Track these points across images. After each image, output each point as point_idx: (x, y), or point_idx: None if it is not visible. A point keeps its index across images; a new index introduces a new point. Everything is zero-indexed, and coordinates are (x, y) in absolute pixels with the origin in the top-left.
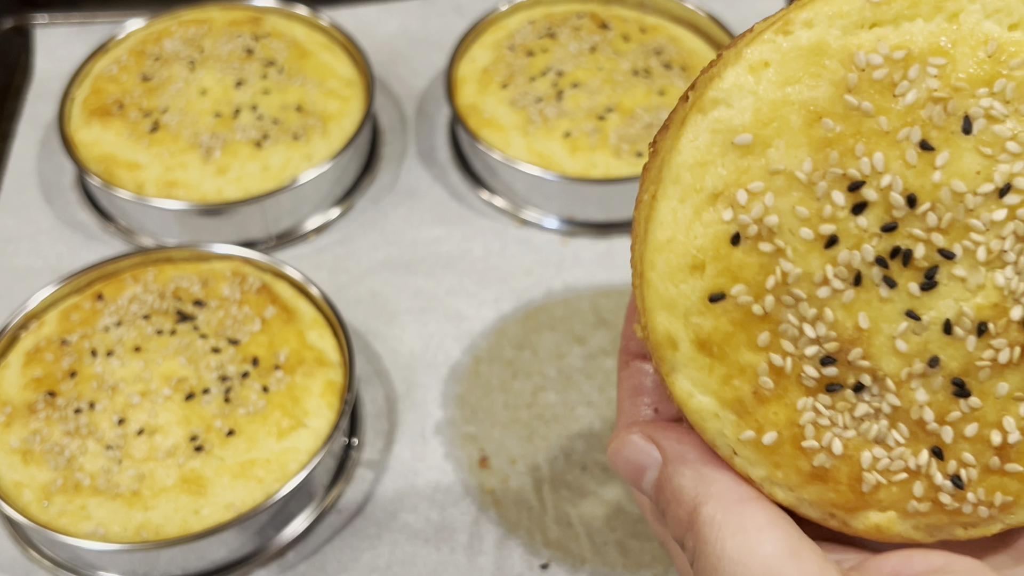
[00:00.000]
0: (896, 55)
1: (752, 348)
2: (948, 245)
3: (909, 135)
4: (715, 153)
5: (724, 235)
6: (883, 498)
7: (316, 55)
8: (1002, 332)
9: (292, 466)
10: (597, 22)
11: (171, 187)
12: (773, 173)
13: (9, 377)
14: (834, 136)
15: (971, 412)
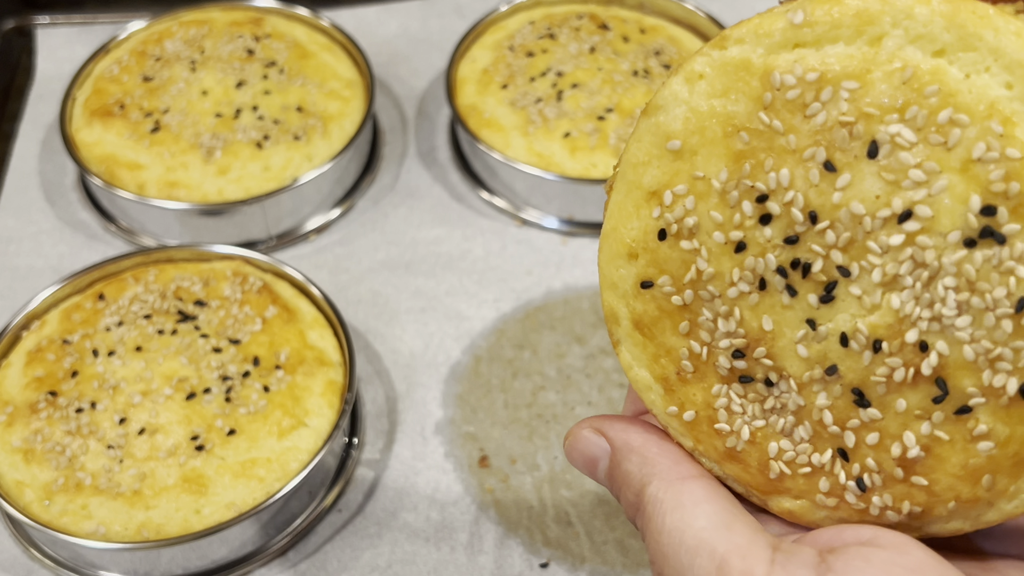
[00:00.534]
0: (809, 77)
1: (675, 334)
2: (845, 263)
3: (814, 155)
4: (653, 155)
5: (653, 230)
6: (791, 487)
7: (317, 56)
8: (897, 352)
9: (293, 465)
10: (597, 23)
11: (172, 187)
12: (695, 179)
13: (11, 377)
14: (748, 150)
15: (871, 422)
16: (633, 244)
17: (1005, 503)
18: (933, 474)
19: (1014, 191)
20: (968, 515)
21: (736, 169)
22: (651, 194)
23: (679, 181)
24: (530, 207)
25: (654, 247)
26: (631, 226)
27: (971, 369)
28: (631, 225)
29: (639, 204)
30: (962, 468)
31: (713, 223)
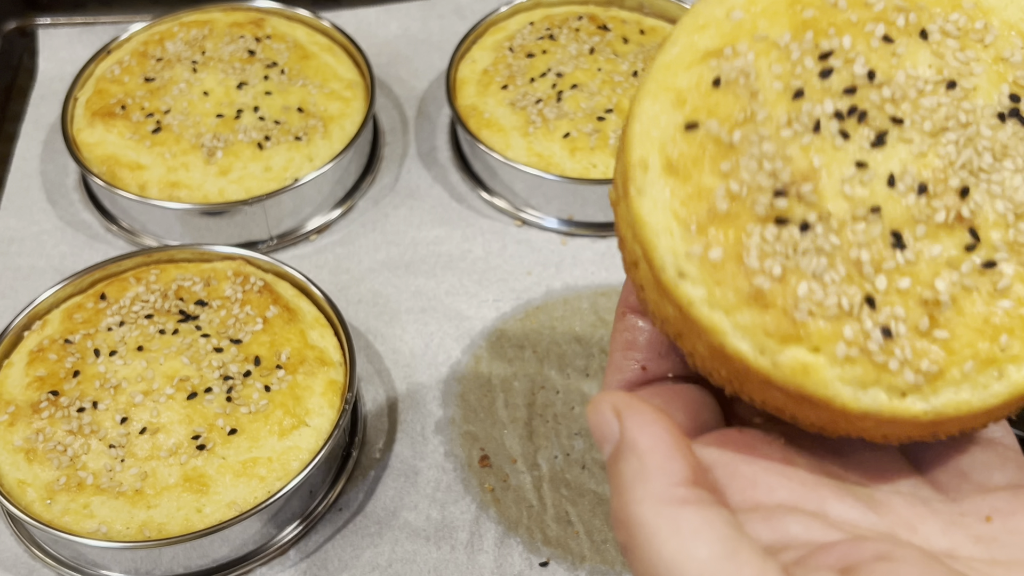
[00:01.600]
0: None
1: (715, 173)
2: (899, 114)
3: (875, 29)
4: (713, 20)
5: (708, 78)
6: (814, 332)
7: (317, 57)
8: (940, 195)
9: (294, 464)
10: (596, 24)
11: (174, 188)
12: (757, 39)
13: (13, 376)
14: (811, 20)
15: (906, 265)
16: (683, 90)
17: (1015, 370)
18: (955, 327)
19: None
20: (979, 382)
21: (799, 34)
22: (707, 54)
23: (739, 40)
24: (530, 207)
25: (706, 92)
26: (682, 79)
27: (1001, 224)
28: (682, 78)
29: (693, 63)
30: (984, 322)
31: (772, 74)
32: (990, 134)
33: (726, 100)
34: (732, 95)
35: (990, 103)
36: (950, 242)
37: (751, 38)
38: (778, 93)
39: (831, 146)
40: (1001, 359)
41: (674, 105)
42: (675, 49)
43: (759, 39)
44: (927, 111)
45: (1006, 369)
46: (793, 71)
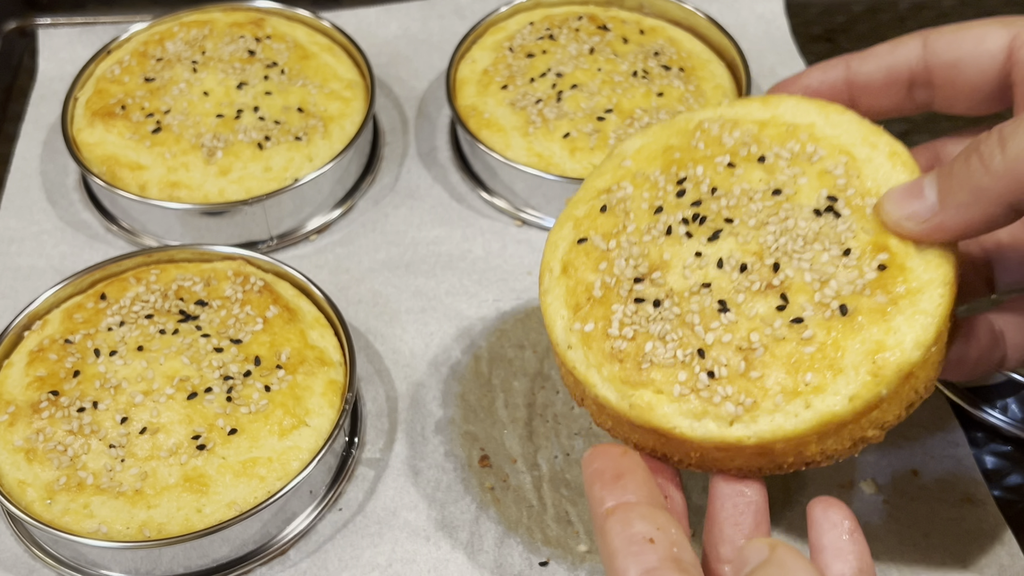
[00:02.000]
0: (726, 124)
1: (594, 270)
2: (731, 216)
3: (722, 160)
4: (609, 168)
5: (597, 207)
6: (655, 379)
7: (317, 57)
8: (756, 271)
9: (294, 464)
10: (596, 24)
11: (174, 188)
12: (636, 177)
13: (13, 376)
14: (677, 159)
15: (729, 324)
16: (580, 217)
17: (819, 400)
18: (767, 369)
19: (849, 193)
20: (789, 411)
21: (667, 170)
22: (600, 190)
23: (625, 179)
24: (530, 207)
25: (595, 216)
26: (580, 208)
27: (808, 290)
28: (580, 208)
29: (589, 198)
30: (791, 363)
31: (643, 199)
32: (805, 225)
33: (608, 220)
34: (612, 216)
35: (809, 203)
36: (765, 305)
37: (632, 177)
38: (644, 211)
39: (678, 243)
40: (805, 392)
41: (573, 228)
42: (580, 191)
43: (638, 176)
44: (754, 212)
45: (811, 400)
46: (657, 194)
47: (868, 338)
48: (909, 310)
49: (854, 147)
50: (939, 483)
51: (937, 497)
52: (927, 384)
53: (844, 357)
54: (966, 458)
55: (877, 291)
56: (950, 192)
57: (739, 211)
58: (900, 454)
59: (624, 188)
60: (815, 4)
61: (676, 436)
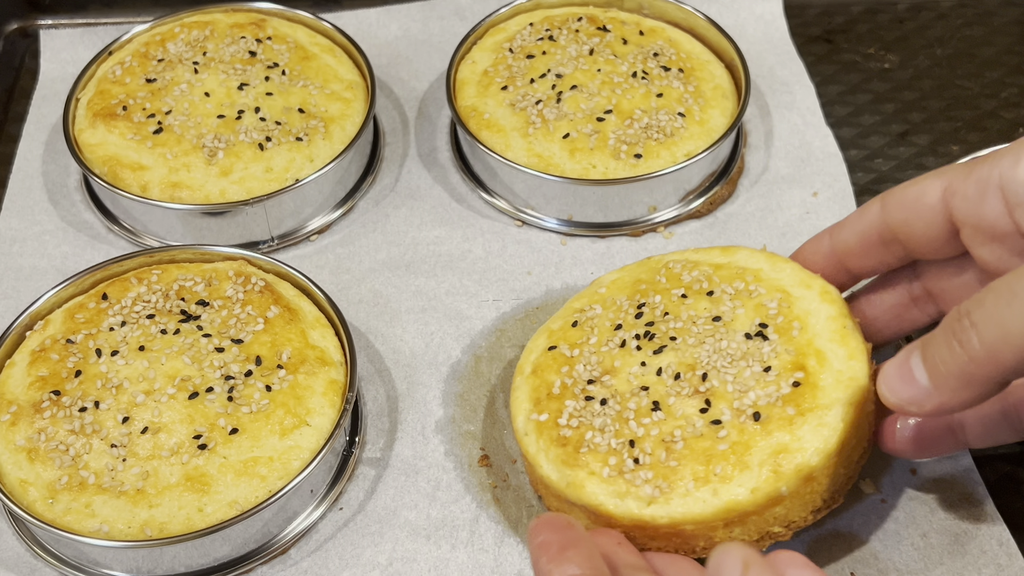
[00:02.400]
0: (687, 265)
1: (557, 372)
2: (675, 334)
3: (678, 291)
4: (587, 294)
5: (570, 322)
6: (589, 461)
7: (318, 58)
8: (688, 380)
9: (295, 464)
10: (596, 25)
11: (175, 188)
12: (607, 301)
13: (15, 376)
14: (642, 289)
15: (658, 421)
16: (555, 331)
17: (725, 489)
18: (684, 460)
19: (779, 321)
20: (698, 497)
21: (632, 296)
22: (575, 310)
23: (597, 302)
24: (530, 208)
25: (566, 330)
26: (556, 323)
27: (728, 398)
28: (556, 323)
29: (565, 316)
30: (705, 456)
31: (607, 318)
32: (735, 346)
33: (576, 333)
34: (581, 331)
35: (743, 328)
36: (691, 407)
37: (603, 301)
38: (607, 327)
39: (629, 354)
40: (714, 481)
41: (547, 338)
42: (560, 311)
43: (607, 300)
44: (695, 333)
45: (718, 488)
46: (619, 315)
47: (774, 442)
48: (814, 422)
49: (791, 287)
50: (938, 483)
51: (936, 497)
52: (832, 493)
53: (751, 455)
54: (965, 458)
55: (789, 404)
56: (940, 379)
57: (683, 332)
58: None
59: (594, 309)
60: (814, 5)
61: (603, 513)
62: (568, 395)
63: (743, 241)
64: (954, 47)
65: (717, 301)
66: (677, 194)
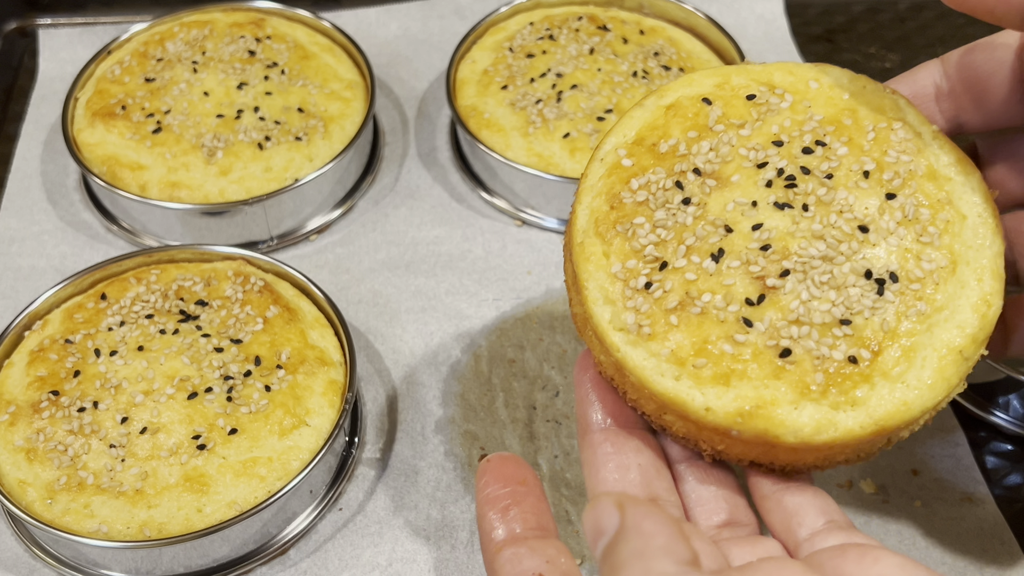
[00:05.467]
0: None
1: (683, 132)
2: (814, 206)
3: (863, 166)
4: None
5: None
6: (616, 239)
7: (318, 57)
8: (769, 260)
9: (294, 464)
10: (596, 24)
11: (174, 188)
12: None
13: (13, 376)
14: (848, 125)
15: (703, 270)
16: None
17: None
18: (681, 326)
19: (929, 265)
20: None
21: (837, 120)
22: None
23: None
24: (530, 207)
25: (726, 101)
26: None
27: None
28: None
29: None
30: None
31: (787, 116)
32: (849, 270)
33: (740, 106)
34: (750, 106)
35: (876, 266)
36: (743, 289)
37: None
38: (768, 132)
39: (754, 181)
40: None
41: (707, 83)
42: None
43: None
44: (831, 221)
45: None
46: (797, 127)
47: (742, 392)
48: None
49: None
50: (939, 483)
51: (937, 497)
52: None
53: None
54: (966, 457)
55: (834, 365)
56: None
57: (822, 208)
58: (900, 454)
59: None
60: (815, 4)
61: (581, 292)
62: (668, 163)
63: None
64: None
65: (887, 208)
66: None
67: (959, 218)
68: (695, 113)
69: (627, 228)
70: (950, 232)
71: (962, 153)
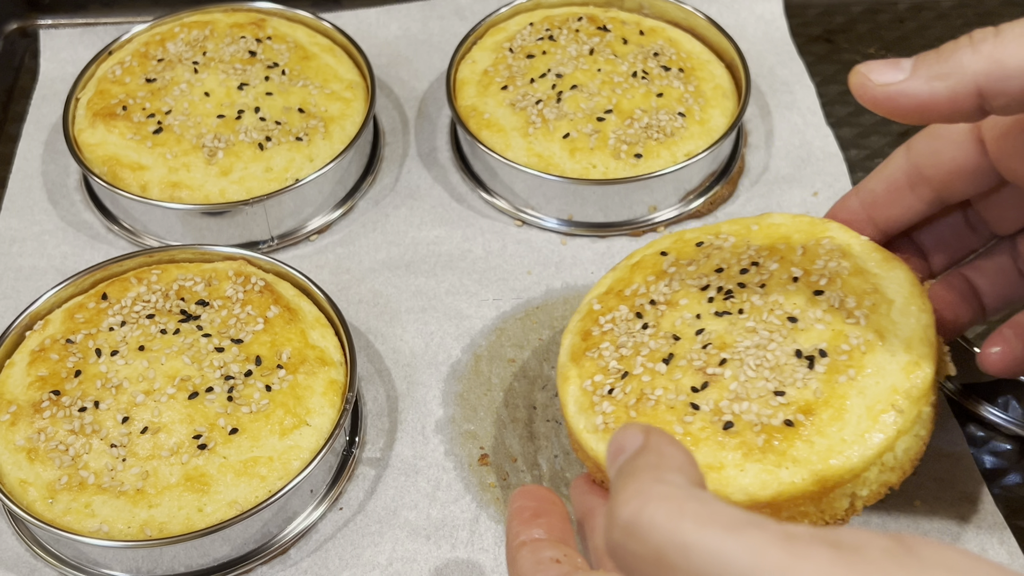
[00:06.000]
0: (834, 251)
1: (644, 278)
2: (747, 311)
3: (792, 273)
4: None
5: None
6: (586, 365)
7: (318, 57)
8: (709, 355)
9: (294, 464)
10: (596, 24)
11: (175, 188)
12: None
13: (15, 376)
14: (762, 253)
15: (657, 372)
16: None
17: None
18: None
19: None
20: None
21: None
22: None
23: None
24: (530, 207)
25: (615, 300)
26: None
27: (724, 394)
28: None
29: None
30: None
31: (718, 260)
32: (778, 356)
33: (692, 250)
34: (699, 250)
35: (803, 345)
36: (690, 380)
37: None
38: (712, 264)
39: (699, 300)
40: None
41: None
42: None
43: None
44: (762, 319)
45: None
46: (730, 260)
47: (708, 459)
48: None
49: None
50: (938, 482)
51: (936, 496)
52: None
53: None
54: (965, 457)
55: (765, 434)
56: (927, 63)
57: (754, 311)
58: None
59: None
60: (814, 5)
61: (564, 408)
62: (630, 302)
63: None
64: None
65: (814, 302)
66: (677, 194)
67: (886, 302)
68: (654, 263)
69: (596, 353)
70: (877, 313)
71: (889, 252)
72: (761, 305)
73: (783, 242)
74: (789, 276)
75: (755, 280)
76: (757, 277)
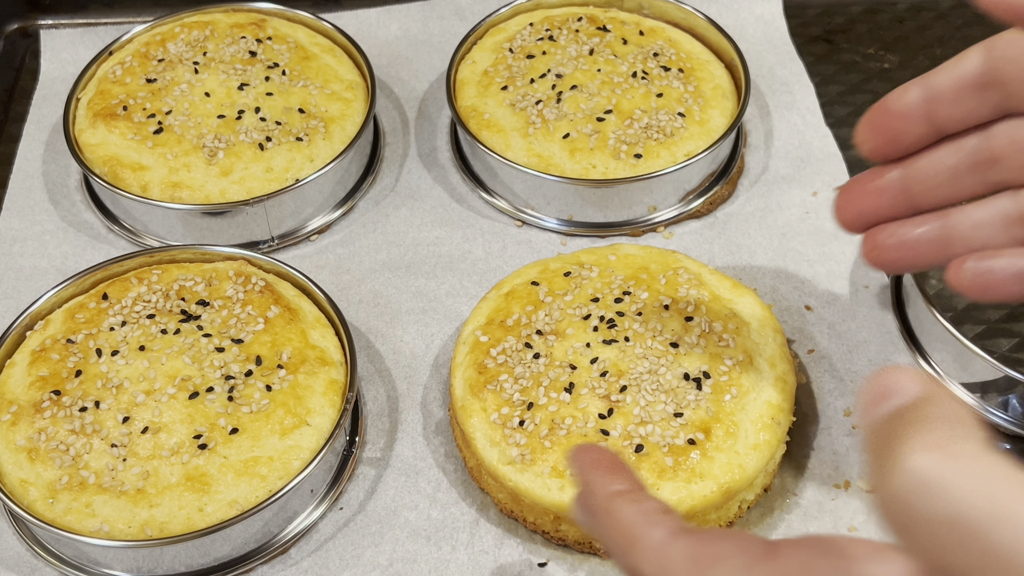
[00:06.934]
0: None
1: (523, 307)
2: (633, 337)
3: (662, 301)
4: (593, 256)
5: (563, 271)
6: (488, 398)
7: (318, 58)
8: (609, 383)
9: (295, 464)
10: (596, 25)
11: (175, 188)
12: (606, 268)
13: (15, 376)
14: (638, 277)
15: (562, 402)
16: (550, 269)
17: (569, 491)
18: (557, 447)
19: (723, 380)
20: (547, 484)
21: (627, 279)
22: (577, 262)
23: (599, 267)
24: (530, 208)
25: (558, 276)
26: (554, 266)
27: (629, 419)
28: (555, 265)
29: (567, 263)
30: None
31: (594, 285)
32: (669, 380)
33: (562, 283)
34: (567, 281)
35: (689, 367)
36: (596, 407)
37: (605, 268)
38: (587, 294)
39: (585, 329)
40: (566, 478)
41: (539, 273)
42: (568, 254)
43: (607, 271)
44: (648, 346)
45: (566, 486)
46: (602, 290)
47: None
48: (679, 486)
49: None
50: None
51: None
52: None
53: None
54: None
55: (673, 455)
56: None
57: (639, 338)
58: None
59: (592, 271)
60: (813, 5)
61: (472, 445)
62: (516, 332)
63: (744, 241)
64: (954, 47)
65: (688, 328)
66: (677, 194)
67: (744, 324)
68: (528, 293)
69: (495, 386)
70: (740, 335)
71: (734, 280)
72: (643, 332)
73: (644, 272)
74: (660, 304)
75: (631, 309)
76: (633, 306)
